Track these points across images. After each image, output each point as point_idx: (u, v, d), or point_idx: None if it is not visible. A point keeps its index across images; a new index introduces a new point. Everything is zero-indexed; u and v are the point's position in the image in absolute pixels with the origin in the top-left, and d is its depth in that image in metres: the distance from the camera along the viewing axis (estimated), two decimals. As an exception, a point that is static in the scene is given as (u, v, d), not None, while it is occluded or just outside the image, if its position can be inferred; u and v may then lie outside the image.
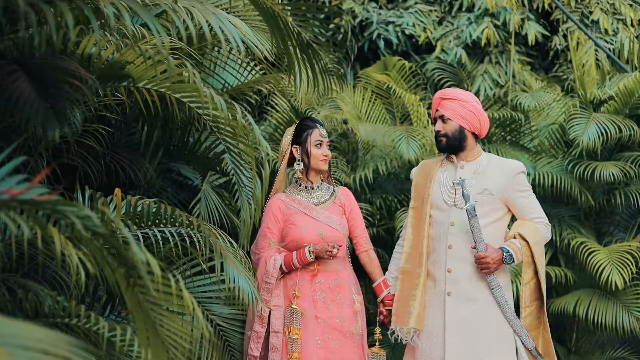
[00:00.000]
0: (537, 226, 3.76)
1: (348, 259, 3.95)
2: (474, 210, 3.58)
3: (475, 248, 3.64)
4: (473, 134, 3.83)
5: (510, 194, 3.75)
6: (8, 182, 1.67)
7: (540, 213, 3.82)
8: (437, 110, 3.85)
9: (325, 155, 3.85)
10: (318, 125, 3.88)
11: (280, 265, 3.72)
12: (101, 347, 2.08)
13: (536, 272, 3.71)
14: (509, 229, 3.84)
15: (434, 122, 3.87)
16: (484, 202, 3.70)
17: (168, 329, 2.04)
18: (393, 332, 3.81)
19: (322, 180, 3.96)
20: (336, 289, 3.81)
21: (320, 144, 3.84)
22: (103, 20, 2.61)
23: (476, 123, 3.80)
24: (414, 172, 4.01)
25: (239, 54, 4.33)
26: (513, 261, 3.65)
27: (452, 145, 3.81)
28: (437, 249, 3.77)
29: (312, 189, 3.90)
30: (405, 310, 3.75)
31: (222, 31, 2.55)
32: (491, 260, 3.60)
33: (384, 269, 4.04)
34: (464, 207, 3.61)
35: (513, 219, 3.88)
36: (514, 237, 3.71)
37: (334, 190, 3.97)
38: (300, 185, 3.89)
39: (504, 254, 3.64)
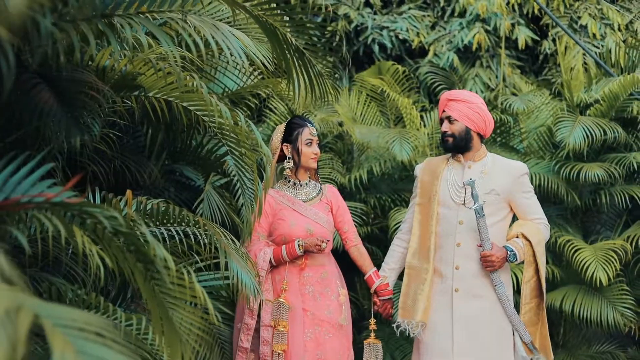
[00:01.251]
0: (538, 227, 3.87)
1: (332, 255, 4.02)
2: (482, 210, 3.68)
3: (481, 246, 3.73)
4: (478, 134, 3.90)
5: (514, 194, 3.85)
6: (40, 186, 1.87)
7: (541, 214, 3.93)
8: (443, 111, 3.92)
9: (315, 154, 3.92)
10: (308, 124, 3.94)
11: (270, 259, 3.78)
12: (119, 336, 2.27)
13: (537, 271, 3.82)
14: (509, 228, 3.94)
15: (441, 123, 3.94)
16: (490, 202, 3.79)
17: (181, 317, 2.24)
18: (399, 326, 3.89)
19: (309, 177, 4.03)
20: (323, 282, 3.87)
21: (311, 142, 3.91)
22: (115, 34, 2.79)
23: (482, 124, 3.87)
24: (418, 169, 4.06)
25: (240, 60, 4.49)
26: (516, 260, 3.75)
27: (458, 145, 3.88)
28: (444, 246, 3.85)
29: (301, 185, 3.96)
30: (413, 304, 3.83)
31: (227, 46, 2.75)
32: (496, 258, 3.70)
33: (376, 264, 4.11)
34: (473, 207, 3.70)
35: (514, 218, 3.98)
36: (517, 237, 3.82)
37: (320, 187, 4.04)
38: (289, 182, 3.96)
39: (508, 252, 3.75)
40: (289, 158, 3.93)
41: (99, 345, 1.36)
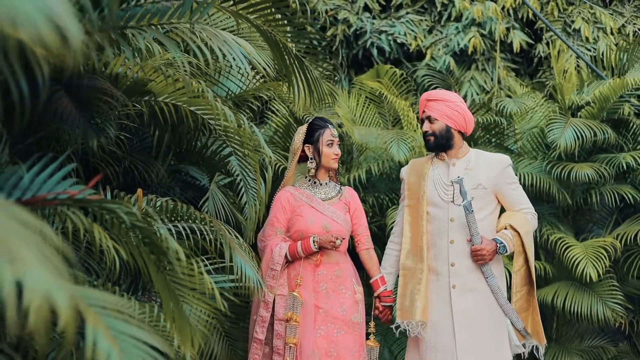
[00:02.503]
0: (526, 217, 3.95)
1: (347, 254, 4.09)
2: (471, 206, 3.77)
3: (470, 241, 3.83)
4: (459, 132, 3.98)
5: (501, 186, 3.94)
6: (63, 184, 2.07)
7: (528, 204, 4.00)
8: (423, 111, 3.99)
9: (336, 154, 4.00)
10: (329, 126, 4.02)
11: (285, 254, 3.84)
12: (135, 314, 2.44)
13: (526, 260, 3.91)
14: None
15: (421, 123, 4.02)
16: (478, 197, 3.87)
17: (190, 306, 2.42)
18: (398, 326, 3.95)
19: (329, 178, 4.11)
20: (338, 280, 3.93)
21: (332, 143, 3.99)
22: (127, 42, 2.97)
23: (461, 121, 3.95)
24: (404, 171, 4.14)
25: (243, 65, 4.66)
26: (506, 251, 3.83)
27: (439, 144, 3.96)
28: (437, 244, 3.91)
29: (321, 185, 4.05)
30: (411, 305, 3.89)
31: (230, 53, 2.94)
32: (486, 252, 3.79)
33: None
34: (462, 204, 3.78)
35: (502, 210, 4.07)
36: (505, 228, 3.89)
37: (340, 188, 4.12)
38: (309, 181, 4.05)
39: (498, 245, 3.83)
40: (312, 159, 4.02)
41: (119, 321, 1.56)
